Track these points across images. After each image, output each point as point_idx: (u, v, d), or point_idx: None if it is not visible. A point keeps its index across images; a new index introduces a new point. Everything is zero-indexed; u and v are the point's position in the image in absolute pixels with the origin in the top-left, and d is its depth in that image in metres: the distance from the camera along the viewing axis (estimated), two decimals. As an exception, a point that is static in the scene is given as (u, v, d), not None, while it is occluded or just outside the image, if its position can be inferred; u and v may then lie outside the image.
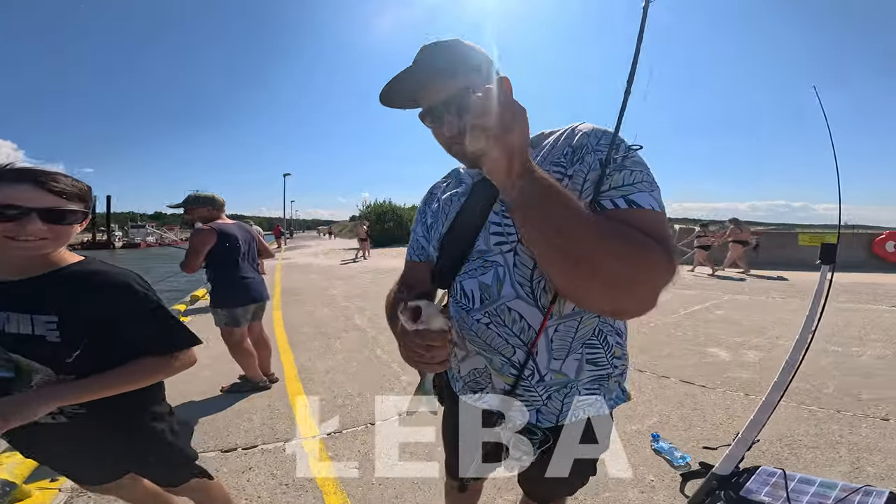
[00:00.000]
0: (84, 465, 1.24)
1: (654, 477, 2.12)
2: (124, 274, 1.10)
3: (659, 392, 3.14)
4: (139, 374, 1.11)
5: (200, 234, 3.01)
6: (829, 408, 2.79)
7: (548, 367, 0.86)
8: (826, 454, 2.26)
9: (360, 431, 2.66)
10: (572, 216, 0.62)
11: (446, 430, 1.18)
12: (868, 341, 4.27)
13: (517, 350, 0.86)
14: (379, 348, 4.40)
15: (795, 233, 13.19)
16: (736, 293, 7.35)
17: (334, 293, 7.97)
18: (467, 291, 0.89)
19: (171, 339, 1.15)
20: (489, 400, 0.93)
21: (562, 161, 0.79)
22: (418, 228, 1.09)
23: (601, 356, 0.89)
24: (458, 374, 1.00)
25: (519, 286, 0.83)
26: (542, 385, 0.88)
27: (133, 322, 1.08)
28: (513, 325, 0.84)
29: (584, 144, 0.78)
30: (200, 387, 3.38)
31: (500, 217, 0.86)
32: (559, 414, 0.90)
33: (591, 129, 0.80)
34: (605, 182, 0.72)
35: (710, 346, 4.20)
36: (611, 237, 0.63)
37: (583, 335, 0.86)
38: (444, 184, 1.08)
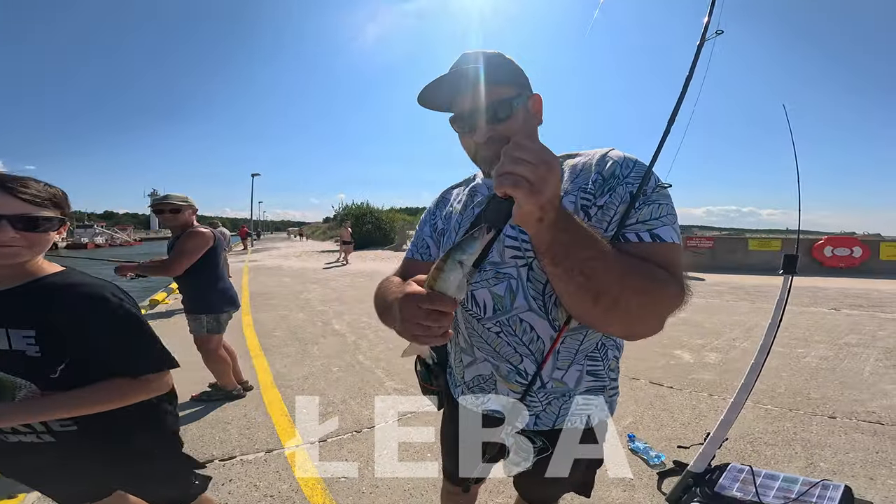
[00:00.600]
0: (70, 484, 1.18)
1: (633, 476, 2.24)
2: (100, 286, 1.04)
3: (631, 394, 3.30)
4: (105, 395, 1.02)
5: (200, 237, 2.92)
6: (782, 406, 3.02)
7: (550, 376, 0.92)
8: (783, 451, 2.46)
9: (346, 439, 2.64)
10: (597, 258, 0.66)
11: (446, 435, 1.20)
12: (812, 342, 4.64)
13: (524, 359, 0.89)
14: (361, 354, 4.36)
15: (746, 238, 14.08)
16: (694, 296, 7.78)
17: (309, 297, 7.80)
18: (479, 300, 0.92)
19: (144, 360, 1.06)
20: (492, 404, 0.97)
21: (590, 189, 0.82)
22: (426, 228, 1.09)
23: (600, 369, 0.94)
24: (461, 379, 1.02)
25: (532, 300, 0.86)
26: (543, 392, 0.93)
27: (104, 338, 1.01)
28: (523, 335, 0.88)
29: (615, 174, 0.81)
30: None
31: (517, 232, 0.88)
32: (556, 419, 0.95)
33: (622, 158, 0.83)
34: (632, 215, 0.76)
35: (675, 349, 4.44)
36: (632, 275, 0.68)
37: (587, 347, 0.91)
38: (457, 190, 1.09)
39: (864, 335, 4.92)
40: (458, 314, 0.97)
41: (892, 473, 2.20)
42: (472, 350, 0.96)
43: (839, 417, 2.85)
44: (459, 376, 1.02)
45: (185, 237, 2.90)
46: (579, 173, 0.85)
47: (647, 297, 0.69)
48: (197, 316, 3.03)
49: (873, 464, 2.29)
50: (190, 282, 3.00)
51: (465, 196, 1.03)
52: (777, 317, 2.00)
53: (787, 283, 1.98)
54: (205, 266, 2.99)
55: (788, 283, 1.98)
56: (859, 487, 2.02)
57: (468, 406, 1.02)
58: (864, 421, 2.78)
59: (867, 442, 2.52)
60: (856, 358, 4.07)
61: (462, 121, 0.88)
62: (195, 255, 2.90)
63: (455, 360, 1.02)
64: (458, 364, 1.01)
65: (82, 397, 1.00)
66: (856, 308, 6.58)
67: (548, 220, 0.64)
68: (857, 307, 6.66)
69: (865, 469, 2.24)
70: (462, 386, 1.02)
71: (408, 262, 1.10)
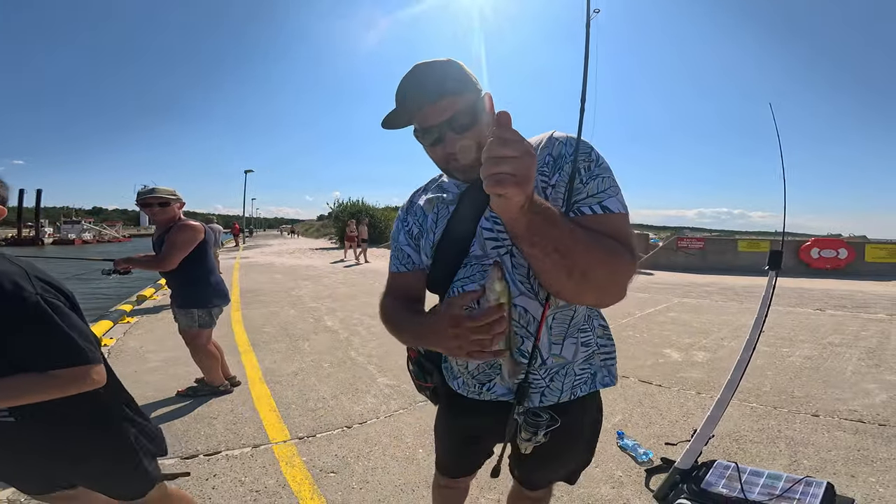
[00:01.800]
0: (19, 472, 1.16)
1: (622, 473, 2.26)
2: (12, 272, 0.98)
3: (621, 391, 3.32)
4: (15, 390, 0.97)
5: (190, 230, 2.88)
6: (766, 405, 3.07)
7: (549, 352, 0.96)
8: (768, 448, 2.49)
9: (335, 435, 2.63)
10: (566, 235, 0.73)
11: (443, 428, 1.22)
12: (797, 342, 4.71)
13: (524, 340, 0.93)
14: (353, 350, 4.34)
15: (735, 239, 14.27)
16: (683, 296, 7.87)
17: (301, 294, 7.75)
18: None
19: (49, 354, 1.00)
20: (497, 388, 1.00)
21: (544, 170, 0.88)
22: (401, 237, 1.09)
23: (590, 338, 1.01)
24: (463, 370, 1.04)
25: (520, 283, 0.91)
26: (544, 368, 0.97)
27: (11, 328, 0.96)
28: (519, 318, 0.92)
29: (561, 154, 0.88)
30: (147, 391, 3.22)
31: (492, 223, 0.92)
32: (560, 393, 0.99)
33: (565, 138, 0.90)
34: (581, 191, 0.84)
35: (664, 348, 4.49)
36: (595, 248, 0.75)
37: (577, 322, 0.97)
38: (423, 192, 1.11)
39: (848, 335, 5.01)
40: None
41: (874, 471, 2.24)
42: None
43: (822, 416, 2.89)
44: (462, 367, 1.04)
45: (176, 231, 2.85)
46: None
47: (610, 267, 0.77)
48: (188, 310, 2.99)
49: (855, 461, 2.33)
50: (181, 276, 2.96)
51: (433, 195, 1.05)
52: (763, 312, 2.02)
53: (772, 279, 2.00)
54: (196, 260, 2.96)
55: (774, 279, 2.00)
56: (841, 484, 2.05)
57: (470, 395, 1.04)
58: (846, 419, 2.83)
59: (849, 440, 2.56)
60: (839, 357, 4.14)
61: (429, 134, 0.90)
62: (187, 248, 2.87)
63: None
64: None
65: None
66: (840, 309, 6.70)
67: (526, 207, 0.68)
68: (841, 308, 6.78)
69: (847, 466, 2.28)
70: (464, 376, 1.04)
71: (394, 277, 1.10)
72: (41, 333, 0.99)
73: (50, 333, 0.99)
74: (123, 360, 4.01)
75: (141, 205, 2.89)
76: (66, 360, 1.01)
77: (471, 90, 0.89)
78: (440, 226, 0.99)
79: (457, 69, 0.88)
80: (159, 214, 2.89)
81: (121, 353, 4.21)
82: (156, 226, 3.02)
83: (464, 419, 1.11)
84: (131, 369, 3.76)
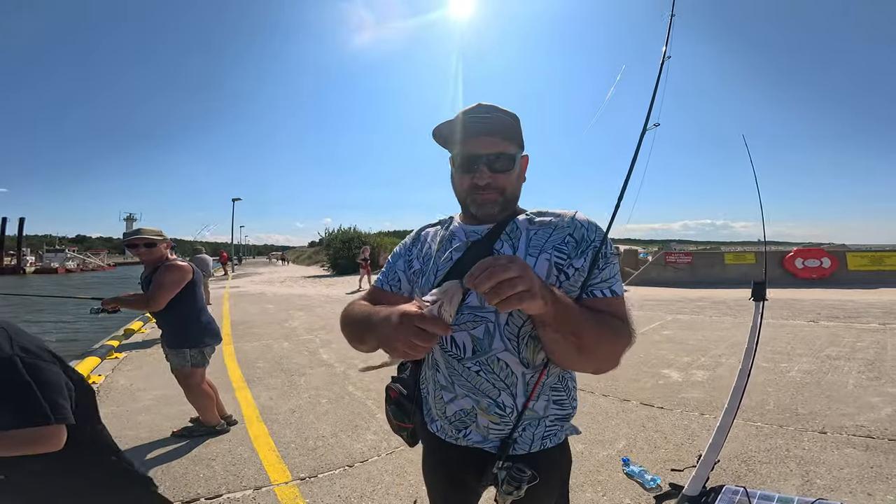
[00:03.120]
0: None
1: (630, 500, 2.22)
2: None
3: (623, 416, 3.29)
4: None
5: (179, 270, 2.87)
6: (772, 423, 3.06)
7: (522, 405, 0.99)
8: (778, 469, 2.47)
9: (337, 475, 2.55)
10: (581, 321, 0.83)
11: (428, 472, 1.21)
12: (794, 356, 4.74)
13: (502, 392, 0.97)
14: (351, 385, 4.24)
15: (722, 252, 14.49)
16: (677, 312, 7.91)
17: (294, 325, 7.63)
18: (458, 342, 0.98)
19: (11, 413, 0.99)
20: (473, 435, 1.01)
21: (564, 248, 0.95)
22: (400, 262, 1.14)
23: (564, 398, 1.03)
24: (441, 415, 1.05)
25: (507, 340, 0.95)
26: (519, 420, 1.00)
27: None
28: (500, 372, 0.96)
29: (585, 239, 0.95)
30: (141, 432, 3.12)
31: None
32: (531, 443, 1.01)
33: (587, 222, 0.97)
34: (596, 276, 0.93)
35: (662, 368, 4.47)
36: (602, 328, 0.86)
37: (551, 381, 1.01)
38: (433, 230, 1.14)
39: (844, 347, 5.06)
40: (438, 355, 1.03)
41: (890, 489, 2.21)
42: (454, 387, 1.01)
43: (829, 432, 2.88)
44: (440, 412, 1.06)
45: (164, 271, 2.83)
46: (553, 232, 0.97)
47: (613, 344, 0.88)
48: (180, 350, 2.94)
49: (869, 479, 2.31)
50: (171, 316, 2.92)
51: (443, 239, 1.08)
52: (752, 342, 2.05)
53: (758, 308, 2.04)
54: (185, 299, 2.94)
55: (761, 309, 2.04)
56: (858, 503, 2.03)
57: (447, 439, 1.06)
58: (855, 435, 2.82)
59: (860, 457, 2.54)
60: (838, 371, 4.16)
61: (467, 161, 0.98)
62: (174, 289, 2.84)
63: (435, 398, 1.06)
64: (440, 401, 1.05)
65: None
66: (832, 319, 6.78)
67: (549, 300, 0.76)
68: (833, 318, 6.86)
69: (862, 485, 2.25)
70: (441, 420, 1.06)
71: (376, 290, 1.15)
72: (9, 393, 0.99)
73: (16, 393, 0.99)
74: (114, 399, 3.89)
75: (127, 245, 2.88)
76: (22, 420, 1.00)
77: (516, 144, 1.00)
78: (443, 269, 1.02)
79: (514, 122, 0.98)
80: (146, 255, 2.87)
81: (110, 391, 4.08)
82: (144, 265, 2.99)
83: (445, 462, 1.12)
84: (123, 409, 3.65)
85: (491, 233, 1.01)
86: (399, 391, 1.17)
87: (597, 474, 2.48)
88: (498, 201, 0.99)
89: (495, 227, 1.01)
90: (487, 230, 1.02)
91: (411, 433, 1.16)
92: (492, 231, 1.01)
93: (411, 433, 1.16)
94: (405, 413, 1.15)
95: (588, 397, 3.66)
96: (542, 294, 0.74)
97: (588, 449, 2.71)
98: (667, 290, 11.64)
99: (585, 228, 0.95)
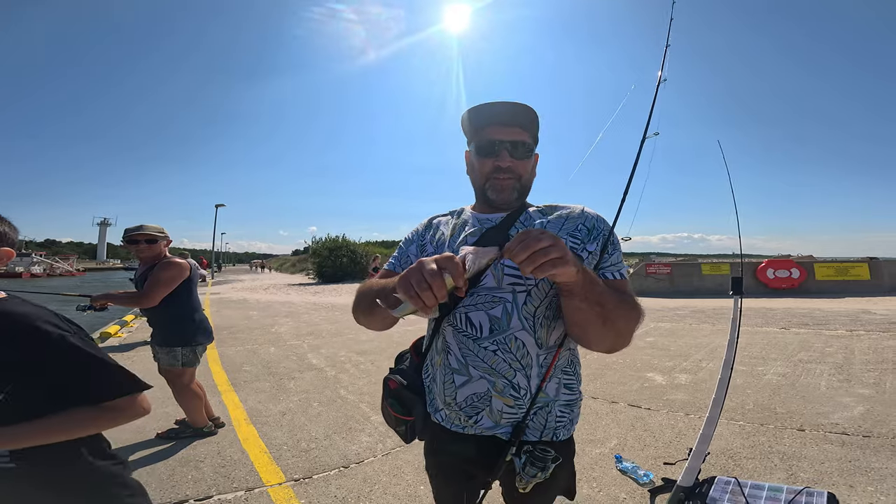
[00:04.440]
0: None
1: (626, 495, 2.28)
2: (33, 315, 0.99)
3: (613, 416, 3.37)
4: (67, 425, 0.99)
5: (175, 267, 2.84)
6: (753, 422, 3.18)
7: (537, 388, 1.01)
8: (763, 463, 2.57)
9: (333, 476, 2.53)
10: (605, 292, 0.88)
11: (432, 467, 1.19)
12: (769, 360, 4.93)
13: (517, 373, 0.98)
14: (342, 388, 4.20)
15: (699, 263, 14.94)
16: (658, 321, 8.11)
17: (281, 331, 7.51)
18: (475, 322, 0.99)
19: (100, 385, 1.02)
20: (484, 422, 1.01)
21: (578, 234, 1.02)
22: (412, 247, 1.16)
23: (573, 381, 1.07)
24: (451, 401, 1.03)
25: (525, 320, 0.98)
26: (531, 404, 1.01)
27: (50, 368, 0.97)
28: (517, 351, 0.98)
29: (596, 227, 1.04)
30: (123, 433, 3.02)
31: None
32: (542, 430, 1.02)
33: (595, 215, 1.07)
34: (606, 260, 1.02)
35: (647, 371, 4.59)
36: (622, 304, 0.91)
37: (562, 363, 1.04)
38: (445, 219, 1.18)
39: (814, 352, 5.28)
40: (451, 337, 1.03)
41: (870, 480, 2.33)
42: (468, 369, 1.00)
43: (808, 430, 3.02)
44: (450, 398, 1.03)
45: (161, 267, 2.80)
46: (565, 221, 1.05)
47: (628, 319, 0.93)
48: (171, 349, 2.89)
49: (850, 472, 2.42)
50: (166, 313, 2.88)
51: (455, 226, 1.12)
52: (734, 333, 2.16)
53: (737, 302, 2.15)
54: (181, 297, 2.91)
55: (739, 303, 2.16)
56: (842, 494, 2.14)
57: (454, 428, 1.04)
58: (831, 432, 2.96)
59: (839, 452, 2.67)
60: (811, 374, 4.35)
61: (490, 145, 1.04)
62: (170, 285, 2.82)
63: (445, 383, 1.04)
64: (449, 386, 1.02)
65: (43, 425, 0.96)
66: (803, 326, 7.06)
67: (580, 269, 0.81)
68: (804, 326, 7.15)
69: (844, 477, 2.37)
70: (449, 408, 1.04)
71: (388, 273, 1.15)
72: (86, 368, 1.00)
73: (94, 367, 1.01)
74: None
75: (127, 241, 2.83)
76: (120, 390, 1.02)
77: (533, 137, 1.08)
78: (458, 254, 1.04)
79: (534, 116, 1.05)
80: (146, 251, 2.84)
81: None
82: (140, 262, 2.95)
83: (450, 454, 1.09)
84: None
85: (505, 220, 1.06)
86: (399, 382, 1.13)
87: (591, 471, 2.53)
88: (515, 187, 1.05)
89: (508, 216, 1.06)
90: (501, 219, 1.06)
91: (410, 427, 1.10)
92: (506, 219, 1.06)
93: (410, 427, 1.10)
94: (406, 405, 1.11)
95: (578, 399, 3.73)
96: (574, 262, 0.78)
97: (581, 448, 2.74)
98: (648, 300, 11.90)
99: (595, 219, 1.05)
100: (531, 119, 1.04)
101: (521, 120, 1.03)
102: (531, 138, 1.06)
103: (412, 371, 1.16)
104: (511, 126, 1.03)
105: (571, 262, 0.77)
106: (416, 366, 1.16)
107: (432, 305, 0.75)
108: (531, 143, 1.06)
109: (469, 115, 1.07)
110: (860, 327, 6.83)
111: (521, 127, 1.04)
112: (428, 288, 0.74)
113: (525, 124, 1.04)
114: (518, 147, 1.03)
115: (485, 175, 1.05)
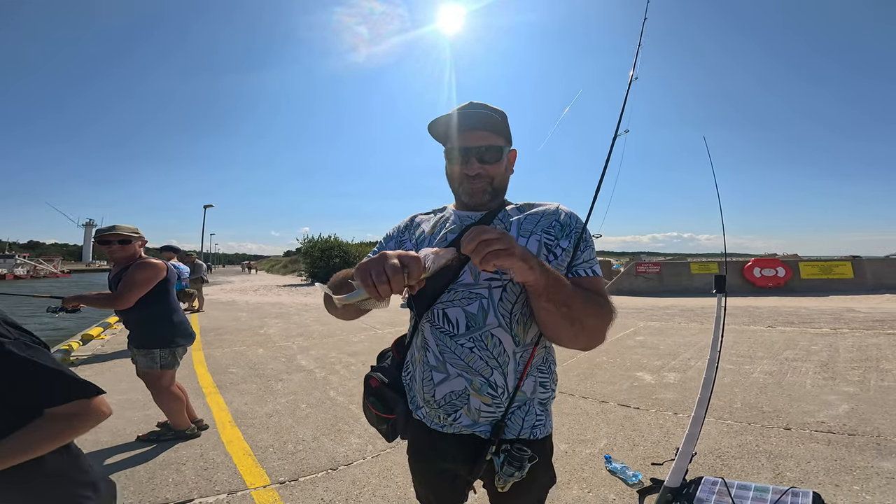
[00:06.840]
0: None
1: (615, 495, 2.27)
2: None
3: (603, 416, 3.37)
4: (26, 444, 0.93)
5: (151, 268, 2.76)
6: (740, 421, 3.20)
7: (514, 386, 1.01)
8: (750, 462, 2.58)
9: (320, 478, 2.49)
10: (570, 293, 0.89)
11: (415, 465, 1.18)
12: (756, 359, 4.98)
13: (494, 371, 0.98)
14: (332, 389, 4.15)
15: (688, 262, 15.12)
16: (648, 320, 8.17)
17: (269, 332, 7.40)
18: (451, 318, 0.99)
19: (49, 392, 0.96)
20: (462, 419, 1.00)
21: (552, 231, 1.04)
22: (391, 244, 1.17)
23: (548, 380, 1.07)
24: (430, 399, 1.03)
25: (501, 317, 0.98)
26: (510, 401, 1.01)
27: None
28: (493, 349, 0.98)
29: (569, 224, 1.05)
30: (101, 436, 2.96)
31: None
32: (520, 429, 1.02)
33: (569, 212, 1.08)
34: (579, 257, 1.03)
35: (636, 371, 4.61)
36: (589, 303, 0.92)
37: (537, 361, 1.05)
38: (427, 216, 1.19)
39: (800, 350, 5.35)
40: (429, 333, 1.03)
41: (856, 479, 2.34)
42: (445, 366, 1.00)
43: (794, 428, 3.04)
44: (429, 396, 1.03)
45: (136, 268, 2.73)
46: (540, 218, 1.07)
47: (599, 318, 0.94)
48: (149, 351, 2.82)
49: (836, 471, 2.44)
50: (141, 315, 2.81)
51: (437, 223, 1.13)
52: (717, 332, 2.17)
53: (720, 301, 2.16)
54: (158, 298, 2.85)
55: (723, 301, 2.16)
56: (827, 494, 2.14)
57: (433, 427, 1.04)
58: (817, 431, 2.98)
59: (824, 451, 2.69)
60: (797, 372, 4.40)
61: (458, 153, 1.05)
62: (145, 287, 2.74)
63: (424, 380, 1.03)
64: (428, 383, 1.02)
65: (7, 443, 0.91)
66: (789, 325, 7.16)
67: (536, 268, 0.82)
68: (789, 324, 7.25)
69: (829, 476, 2.38)
70: (428, 406, 1.04)
71: None
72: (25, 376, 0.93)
73: (35, 374, 0.94)
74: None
75: (99, 241, 2.75)
76: (64, 396, 0.97)
77: (504, 138, 1.08)
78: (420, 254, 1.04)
79: (501, 118, 1.05)
80: (119, 252, 2.75)
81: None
82: (114, 263, 2.86)
83: (432, 451, 1.08)
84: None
85: (484, 218, 1.07)
86: (381, 380, 1.13)
87: (581, 472, 2.52)
88: (487, 190, 1.06)
89: (487, 214, 1.08)
90: (480, 216, 1.08)
91: (391, 425, 1.11)
92: (484, 217, 1.07)
93: (391, 425, 1.11)
94: (388, 403, 1.10)
95: (569, 399, 3.73)
96: (525, 258, 0.80)
97: (571, 448, 2.75)
98: (638, 299, 12.01)
99: (568, 216, 1.07)
100: (499, 120, 1.04)
101: (488, 124, 1.04)
102: (502, 140, 1.06)
103: (394, 369, 1.15)
104: (479, 130, 1.04)
105: (518, 255, 0.79)
106: (397, 363, 1.16)
107: (386, 297, 0.78)
108: (502, 144, 1.06)
109: (437, 122, 1.07)
110: (844, 325, 6.94)
111: (490, 130, 1.04)
112: (386, 281, 0.76)
113: (493, 127, 1.04)
114: (487, 152, 1.04)
115: (457, 180, 1.08)
